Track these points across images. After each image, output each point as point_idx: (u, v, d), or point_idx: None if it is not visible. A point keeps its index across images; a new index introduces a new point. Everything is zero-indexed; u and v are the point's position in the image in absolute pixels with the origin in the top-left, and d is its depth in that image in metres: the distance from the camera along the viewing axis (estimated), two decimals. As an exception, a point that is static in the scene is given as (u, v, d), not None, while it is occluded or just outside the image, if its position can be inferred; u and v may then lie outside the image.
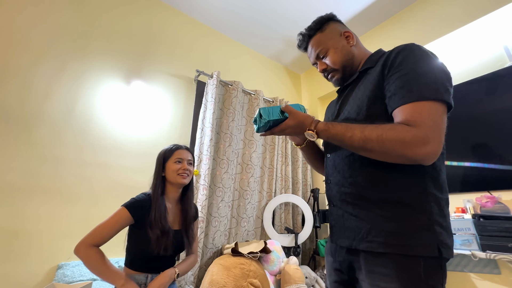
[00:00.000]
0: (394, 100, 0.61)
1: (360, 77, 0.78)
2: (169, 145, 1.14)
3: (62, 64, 1.55)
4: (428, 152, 0.55)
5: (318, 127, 0.66)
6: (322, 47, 0.82)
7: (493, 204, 1.43)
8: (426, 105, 0.57)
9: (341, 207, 0.71)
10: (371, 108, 0.67)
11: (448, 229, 0.61)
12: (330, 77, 0.85)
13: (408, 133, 0.55)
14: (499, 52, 1.62)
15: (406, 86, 0.59)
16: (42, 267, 1.29)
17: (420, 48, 0.65)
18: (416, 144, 0.54)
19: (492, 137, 1.54)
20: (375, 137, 0.58)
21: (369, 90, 0.69)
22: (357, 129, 0.61)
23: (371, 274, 0.61)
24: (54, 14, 1.58)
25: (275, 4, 2.15)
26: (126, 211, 0.95)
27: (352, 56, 0.81)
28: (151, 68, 1.92)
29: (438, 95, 0.57)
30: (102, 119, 1.62)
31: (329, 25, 0.84)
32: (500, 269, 1.41)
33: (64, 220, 1.39)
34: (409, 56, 0.63)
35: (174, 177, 1.05)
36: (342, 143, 0.64)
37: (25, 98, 1.40)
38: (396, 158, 0.58)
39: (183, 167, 1.07)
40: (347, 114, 0.73)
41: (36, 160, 1.37)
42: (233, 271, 1.41)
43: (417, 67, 0.61)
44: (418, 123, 0.55)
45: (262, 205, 2.12)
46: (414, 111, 0.57)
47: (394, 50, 0.67)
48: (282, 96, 2.78)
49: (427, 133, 0.55)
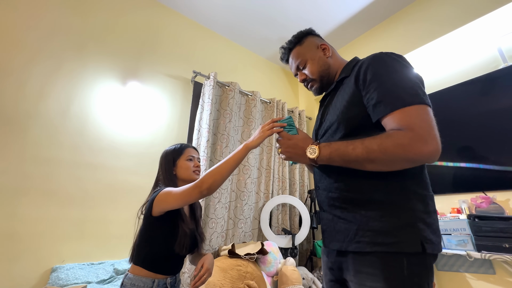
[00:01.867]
0: (379, 109, 0.63)
1: (338, 86, 0.83)
2: (172, 145, 1.12)
3: (58, 64, 1.54)
4: (430, 150, 0.56)
5: (320, 144, 0.69)
6: (301, 59, 0.88)
7: (488, 205, 1.44)
8: (413, 109, 0.59)
9: (330, 211, 0.74)
10: (348, 113, 0.71)
11: (433, 225, 0.63)
12: (310, 87, 0.91)
13: (405, 137, 0.57)
14: (493, 54, 1.64)
15: (387, 95, 0.62)
16: (36, 270, 1.27)
17: (389, 55, 0.69)
18: (415, 145, 0.56)
19: (487, 138, 1.55)
20: (377, 147, 0.59)
21: (345, 100, 0.73)
22: (357, 142, 0.62)
23: (359, 274, 0.63)
24: (49, 13, 1.57)
25: (272, 5, 2.16)
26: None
27: (328, 66, 0.87)
28: (147, 69, 1.91)
29: (419, 99, 0.60)
30: (98, 120, 1.61)
31: (307, 38, 0.90)
32: (495, 269, 1.42)
33: (58, 222, 1.37)
34: (380, 66, 0.67)
35: (188, 174, 1.05)
36: (345, 157, 0.64)
37: (19, 98, 1.39)
38: (401, 163, 0.60)
39: (196, 164, 1.08)
40: (329, 123, 0.77)
41: (30, 161, 1.36)
42: (230, 273, 1.40)
43: (391, 75, 0.65)
44: (411, 126, 0.57)
45: (259, 206, 2.12)
46: (403, 116, 0.59)
47: (364, 62, 0.71)
48: (280, 97, 2.79)
49: (422, 132, 0.57)
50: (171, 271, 0.98)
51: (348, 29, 2.39)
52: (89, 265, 1.37)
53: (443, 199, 1.67)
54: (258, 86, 2.62)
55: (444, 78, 1.82)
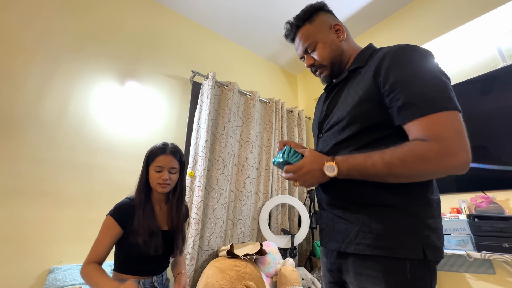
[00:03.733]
0: (406, 113, 0.57)
1: (349, 76, 0.74)
2: (159, 143, 1.07)
3: (55, 64, 1.53)
4: (459, 163, 0.52)
5: (336, 159, 0.62)
6: (310, 40, 0.77)
7: (487, 204, 1.44)
8: (442, 116, 0.54)
9: (331, 211, 0.71)
10: (361, 111, 0.65)
11: (439, 230, 0.60)
12: (318, 73, 0.82)
13: (431, 150, 0.52)
14: (492, 53, 1.63)
15: (416, 97, 0.56)
16: (33, 271, 1.26)
17: (418, 50, 0.61)
18: (443, 159, 0.52)
19: (487, 138, 1.54)
20: (398, 162, 0.55)
21: (358, 96, 0.66)
22: (376, 156, 0.57)
23: (359, 276, 0.61)
24: (46, 14, 1.56)
25: (271, 5, 2.15)
26: (111, 219, 0.94)
27: (342, 52, 0.77)
28: (146, 69, 1.90)
29: (451, 103, 0.55)
30: (96, 120, 1.60)
31: (319, 15, 0.78)
32: (494, 269, 1.42)
33: (55, 223, 1.36)
34: (408, 63, 0.59)
35: (154, 186, 1.01)
36: (365, 172, 0.59)
37: (17, 99, 1.38)
38: (428, 176, 0.57)
39: (163, 176, 0.99)
40: (337, 118, 0.71)
41: (28, 162, 1.35)
42: (229, 274, 1.40)
43: (421, 74, 0.58)
44: (439, 137, 0.53)
45: (258, 206, 2.11)
46: (432, 124, 0.54)
47: (388, 53, 0.63)
48: (279, 97, 2.78)
49: (452, 144, 0.52)
50: (154, 271, 1.00)
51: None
52: (86, 266, 1.36)
53: (443, 198, 1.63)
54: (257, 86, 2.61)
55: (443, 78, 1.81)
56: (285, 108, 2.55)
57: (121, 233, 0.94)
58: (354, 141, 0.66)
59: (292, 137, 2.58)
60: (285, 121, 2.51)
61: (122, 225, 0.94)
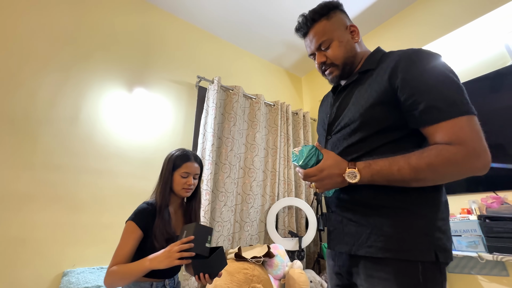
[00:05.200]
0: (428, 117, 0.58)
1: (360, 78, 0.74)
2: (178, 150, 1.10)
3: (66, 73, 1.58)
4: (483, 164, 0.55)
5: (358, 165, 0.61)
6: (326, 37, 0.74)
7: (499, 205, 1.40)
8: (464, 120, 0.55)
9: (340, 213, 0.71)
10: (375, 113, 0.65)
11: (448, 232, 0.61)
12: (328, 73, 0.79)
13: (458, 154, 0.54)
14: (500, 51, 1.60)
15: (437, 102, 0.57)
16: (47, 275, 1.31)
17: (432, 55, 0.62)
18: (469, 161, 0.54)
19: (498, 136, 1.51)
20: (426, 167, 0.55)
21: (372, 98, 0.65)
22: (401, 160, 0.57)
23: (370, 278, 0.61)
24: (57, 24, 1.62)
25: (274, 8, 2.17)
26: (133, 224, 0.94)
27: (355, 53, 0.76)
28: (153, 76, 1.95)
29: (470, 107, 0.56)
30: (106, 126, 1.65)
31: (336, 13, 0.76)
32: (508, 271, 1.38)
33: (69, 227, 1.41)
34: (427, 67, 0.60)
35: (178, 190, 1.05)
36: (390, 178, 0.58)
37: (30, 107, 1.44)
38: (453, 179, 0.58)
39: (189, 182, 1.04)
40: (348, 120, 0.70)
41: (41, 168, 1.40)
42: (237, 276, 1.41)
43: (440, 79, 0.59)
44: (463, 140, 0.54)
45: (265, 209, 2.12)
46: (455, 128, 0.55)
47: (402, 58, 0.63)
48: (284, 99, 2.79)
49: (475, 147, 0.54)
50: (167, 274, 1.01)
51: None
52: (99, 269, 1.39)
53: (453, 199, 1.63)
54: (262, 89, 2.63)
55: (450, 76, 1.79)
56: (290, 110, 2.55)
57: (141, 237, 0.95)
58: (366, 143, 0.66)
59: (297, 139, 2.59)
60: (291, 124, 2.52)
61: (143, 229, 0.95)
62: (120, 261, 0.88)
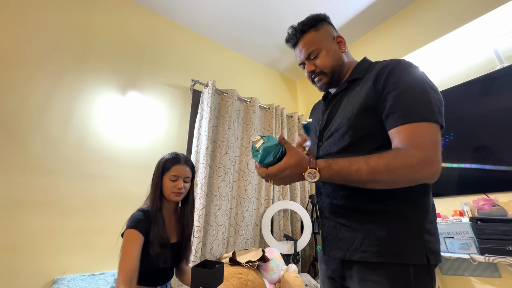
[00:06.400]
0: (392, 120, 0.61)
1: (349, 87, 0.77)
2: (169, 154, 1.09)
3: (58, 77, 1.57)
4: (433, 172, 0.56)
5: (319, 165, 0.60)
6: (315, 47, 0.79)
7: (490, 207, 1.42)
8: (424, 127, 0.58)
9: (334, 219, 0.72)
10: (361, 118, 0.67)
11: (436, 234, 0.63)
12: (317, 80, 0.82)
13: (414, 157, 0.56)
14: (489, 55, 1.64)
15: (403, 107, 0.60)
16: (37, 282, 1.28)
17: (412, 66, 0.66)
18: (422, 166, 0.56)
19: (488, 139, 1.54)
20: (383, 168, 0.56)
21: (359, 103, 0.68)
22: (361, 161, 0.58)
23: (363, 282, 0.62)
24: (50, 28, 1.61)
25: (269, 13, 2.19)
26: (134, 231, 0.91)
27: (343, 62, 0.80)
28: (146, 79, 1.94)
29: (433, 117, 0.59)
30: (99, 130, 1.63)
31: (323, 25, 0.81)
32: (500, 272, 1.40)
33: (59, 234, 1.38)
34: (404, 74, 0.64)
35: (168, 194, 1.03)
36: (347, 178, 0.59)
37: (21, 111, 1.42)
38: (405, 183, 0.59)
39: (178, 185, 1.02)
40: (337, 125, 0.72)
41: (32, 173, 1.37)
42: (231, 282, 1.39)
43: (412, 87, 0.62)
44: (419, 145, 0.56)
45: (260, 212, 2.12)
46: (413, 133, 0.58)
47: (387, 66, 0.67)
48: (278, 102, 2.80)
49: (429, 154, 0.56)
50: (159, 282, 1.01)
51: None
52: (90, 276, 1.37)
53: (445, 201, 1.65)
54: (257, 92, 2.64)
55: (442, 80, 1.81)
56: (285, 113, 2.56)
57: (143, 240, 0.92)
58: (356, 148, 0.67)
59: (292, 142, 2.59)
60: (285, 127, 2.52)
61: (144, 234, 0.93)
62: (130, 269, 0.84)
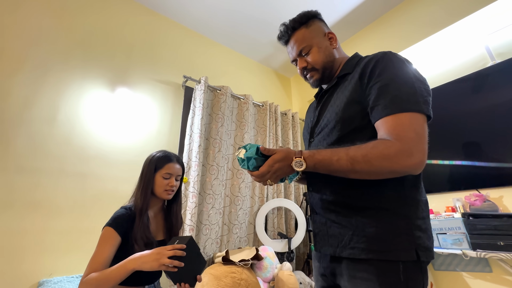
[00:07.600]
0: (376, 112, 0.61)
1: (339, 82, 0.78)
2: (159, 152, 1.06)
3: (43, 72, 1.51)
4: (414, 163, 0.55)
5: (304, 154, 0.63)
6: (306, 43, 0.79)
7: (481, 202, 1.44)
8: (407, 117, 0.57)
9: (324, 215, 0.71)
10: (348, 112, 0.68)
11: (428, 231, 0.62)
12: (309, 77, 0.83)
13: (392, 148, 0.55)
14: (480, 52, 1.65)
15: (387, 98, 0.60)
16: (22, 285, 1.22)
17: (398, 57, 0.66)
18: (401, 157, 0.55)
19: (479, 135, 1.55)
20: (361, 158, 0.57)
21: (346, 98, 0.69)
22: (342, 152, 0.59)
23: (353, 279, 0.62)
24: (33, 21, 1.54)
25: (263, 8, 2.16)
26: (110, 230, 0.89)
27: (334, 58, 0.80)
28: (137, 75, 1.89)
29: (418, 107, 0.58)
30: (86, 128, 1.58)
31: (314, 22, 0.82)
32: (491, 267, 1.41)
33: (45, 234, 1.33)
34: (388, 66, 0.63)
35: (160, 192, 1.01)
36: (329, 168, 0.61)
37: (3, 107, 1.35)
38: (386, 174, 0.58)
39: (171, 183, 1.02)
40: (327, 121, 0.73)
41: (15, 172, 1.32)
42: (224, 281, 1.37)
43: (396, 78, 0.61)
44: (400, 136, 0.56)
45: (254, 210, 2.09)
46: (395, 124, 0.57)
47: (372, 59, 0.67)
48: (272, 100, 2.78)
49: (410, 145, 0.55)
50: (147, 281, 0.97)
51: (336, 31, 2.40)
52: (78, 277, 1.32)
53: (438, 198, 1.66)
54: (250, 90, 2.61)
55: (434, 77, 1.82)
56: (279, 111, 2.54)
57: (120, 244, 0.91)
58: (345, 142, 0.67)
59: (286, 139, 2.58)
60: (279, 124, 2.50)
61: (121, 235, 0.91)
62: (97, 268, 0.82)
